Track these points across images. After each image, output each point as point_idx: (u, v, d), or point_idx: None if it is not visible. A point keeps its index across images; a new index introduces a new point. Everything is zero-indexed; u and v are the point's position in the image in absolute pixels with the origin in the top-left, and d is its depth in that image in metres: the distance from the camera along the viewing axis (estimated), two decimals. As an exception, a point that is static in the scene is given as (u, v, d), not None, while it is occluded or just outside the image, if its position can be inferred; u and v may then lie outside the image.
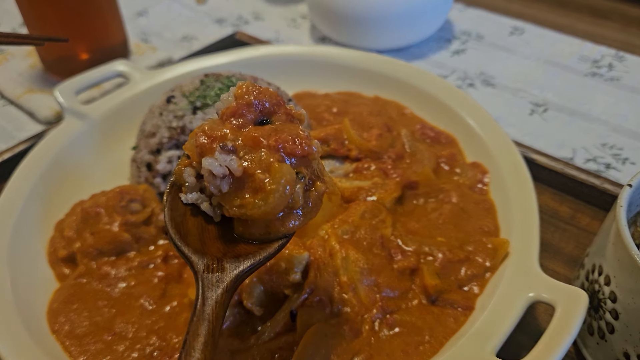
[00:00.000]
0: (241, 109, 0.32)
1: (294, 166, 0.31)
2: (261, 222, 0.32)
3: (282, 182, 0.30)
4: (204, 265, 0.31)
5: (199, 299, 0.30)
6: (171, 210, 0.34)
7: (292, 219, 0.32)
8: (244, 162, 0.31)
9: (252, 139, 0.31)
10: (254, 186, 0.31)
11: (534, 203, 0.45)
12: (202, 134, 0.31)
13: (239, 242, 0.33)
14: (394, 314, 0.41)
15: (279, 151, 0.31)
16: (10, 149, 0.61)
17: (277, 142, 0.31)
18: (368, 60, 0.65)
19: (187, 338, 0.28)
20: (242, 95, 0.33)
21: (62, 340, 0.41)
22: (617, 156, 0.61)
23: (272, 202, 0.30)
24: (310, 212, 0.33)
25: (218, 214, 0.33)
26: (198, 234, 0.33)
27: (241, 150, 0.31)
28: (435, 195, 0.50)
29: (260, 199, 0.30)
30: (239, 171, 0.30)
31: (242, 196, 0.31)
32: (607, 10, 0.90)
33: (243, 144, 0.31)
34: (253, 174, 0.31)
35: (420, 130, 0.57)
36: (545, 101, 0.70)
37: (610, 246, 0.36)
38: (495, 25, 0.86)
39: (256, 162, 0.31)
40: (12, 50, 0.80)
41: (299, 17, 0.91)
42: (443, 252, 0.43)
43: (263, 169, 0.30)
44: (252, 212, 0.30)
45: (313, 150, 0.32)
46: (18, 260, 0.46)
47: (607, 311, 0.37)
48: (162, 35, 0.88)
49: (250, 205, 0.30)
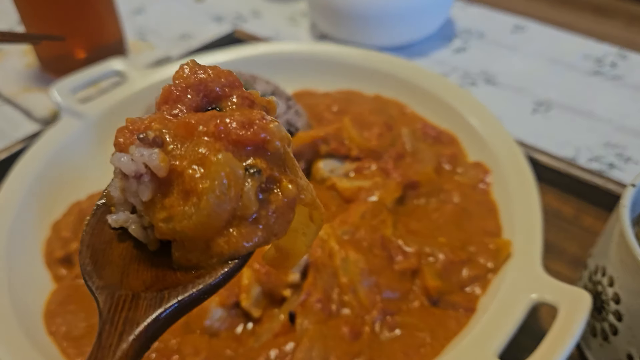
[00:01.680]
0: (177, 94, 0.24)
1: (244, 159, 0.23)
2: (200, 242, 0.23)
3: (219, 177, 0.22)
4: (112, 303, 0.23)
5: (93, 349, 0.21)
6: (92, 235, 0.26)
7: (244, 233, 0.23)
8: (172, 159, 0.22)
9: (183, 125, 0.23)
10: (185, 188, 0.22)
11: (537, 203, 0.44)
12: (121, 130, 0.24)
13: (174, 272, 0.24)
14: (394, 316, 0.40)
15: (220, 139, 0.23)
16: (7, 149, 0.60)
17: (218, 126, 0.23)
18: (369, 58, 0.65)
19: None
20: (180, 76, 0.25)
21: (59, 341, 0.41)
22: (620, 155, 0.60)
23: (205, 206, 0.22)
24: (275, 225, 0.23)
25: (152, 240, 0.25)
26: (122, 265, 0.25)
27: (170, 143, 0.23)
28: (436, 195, 0.50)
29: (191, 204, 0.22)
30: (163, 169, 0.22)
31: (170, 205, 0.22)
32: (610, 8, 0.89)
33: (173, 134, 0.23)
34: (182, 172, 0.22)
35: (421, 129, 0.57)
36: (548, 100, 0.69)
37: (614, 247, 0.36)
38: (497, 23, 0.85)
39: (188, 157, 0.22)
40: (9, 49, 0.80)
41: (299, 14, 0.91)
42: (444, 252, 0.43)
43: (197, 163, 0.22)
44: (182, 224, 0.22)
45: (272, 136, 0.23)
46: (14, 261, 0.45)
47: (610, 313, 0.37)
48: (160, 33, 0.87)
49: (180, 216, 0.22)
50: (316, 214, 0.25)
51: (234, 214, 0.22)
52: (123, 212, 0.25)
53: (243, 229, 0.23)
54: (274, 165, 0.24)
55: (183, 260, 0.24)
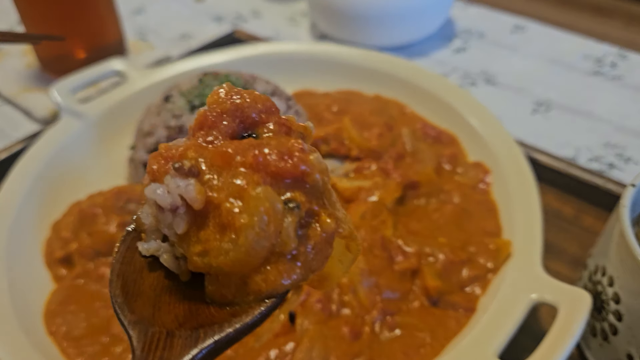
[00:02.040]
0: (212, 119, 0.23)
1: (283, 192, 0.22)
2: (235, 277, 0.22)
3: (258, 213, 0.21)
4: (145, 341, 0.22)
5: None
6: (123, 263, 0.25)
7: (282, 270, 0.22)
8: (208, 190, 0.22)
9: (220, 155, 0.22)
10: (222, 222, 0.21)
11: (537, 203, 0.44)
12: (155, 157, 0.23)
13: (207, 307, 0.23)
14: (394, 316, 0.40)
15: (258, 171, 0.22)
16: (7, 149, 0.60)
17: (256, 157, 0.22)
18: (369, 58, 0.65)
19: None
20: (215, 101, 0.24)
21: (59, 341, 0.41)
22: (620, 155, 0.60)
23: (244, 243, 0.21)
24: (313, 261, 0.23)
25: (185, 271, 0.24)
26: (153, 296, 0.24)
27: (206, 173, 0.22)
28: (436, 196, 0.50)
29: (229, 240, 0.21)
30: (199, 201, 0.21)
31: (206, 238, 0.22)
32: (610, 8, 0.89)
33: (209, 163, 0.22)
34: (220, 205, 0.21)
35: (421, 129, 0.57)
36: (548, 100, 0.69)
37: (614, 247, 0.36)
38: (497, 23, 0.85)
39: (226, 188, 0.22)
40: (9, 49, 0.80)
41: (299, 14, 0.91)
42: (444, 253, 0.43)
43: (235, 196, 0.21)
44: (218, 260, 0.21)
45: (312, 169, 0.22)
46: (14, 261, 0.45)
47: (610, 312, 0.37)
48: (160, 34, 0.87)
49: (216, 251, 0.21)
50: (353, 245, 0.25)
51: (272, 250, 0.22)
52: (155, 240, 0.24)
53: (281, 266, 0.22)
54: (313, 198, 0.23)
55: (217, 295, 0.23)
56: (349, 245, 0.25)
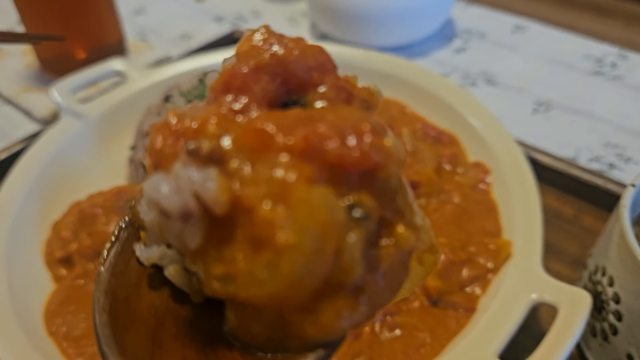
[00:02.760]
0: (243, 78, 0.16)
1: (344, 193, 0.15)
2: (270, 312, 0.15)
3: (312, 227, 0.14)
4: None
5: None
6: (114, 274, 0.17)
7: (341, 308, 0.15)
8: (237, 186, 0.15)
9: (255, 134, 0.15)
10: (255, 236, 0.14)
11: (537, 203, 0.44)
12: (160, 130, 0.16)
13: (229, 349, 0.16)
14: (394, 316, 0.40)
15: (311, 160, 0.15)
16: (7, 149, 0.60)
17: (309, 140, 0.15)
18: (369, 58, 0.65)
19: None
20: (248, 51, 0.16)
21: (59, 342, 0.41)
22: (620, 155, 0.60)
23: (288, 272, 0.14)
24: (383, 292, 0.16)
25: (198, 290, 0.17)
26: (154, 326, 0.17)
27: (233, 160, 0.15)
28: (436, 196, 0.50)
29: (265, 264, 0.14)
30: (222, 204, 0.14)
31: (231, 257, 0.15)
32: (610, 8, 0.89)
33: (238, 144, 0.15)
34: (253, 210, 0.14)
35: (421, 129, 0.57)
36: (548, 100, 0.69)
37: (614, 247, 0.36)
38: (498, 23, 0.85)
39: (262, 185, 0.14)
40: (9, 49, 0.80)
41: (299, 14, 0.91)
42: (445, 253, 0.43)
43: (276, 198, 0.14)
44: (248, 292, 0.14)
45: (388, 160, 0.15)
46: (14, 262, 0.45)
47: (610, 312, 0.37)
48: (160, 34, 0.87)
49: (245, 279, 0.14)
50: (429, 258, 0.18)
51: (328, 280, 0.14)
52: (157, 245, 0.17)
53: (340, 302, 0.15)
54: (385, 201, 0.15)
55: (242, 333, 0.16)
56: (422, 258, 0.17)
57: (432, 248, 0.18)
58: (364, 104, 0.18)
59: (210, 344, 0.16)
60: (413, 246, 0.16)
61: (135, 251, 0.18)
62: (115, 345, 0.16)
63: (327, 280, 0.15)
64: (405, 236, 0.16)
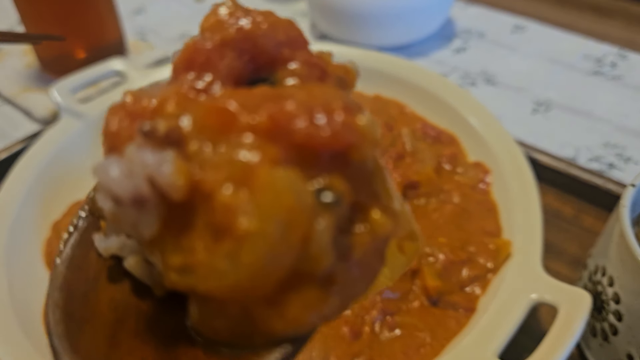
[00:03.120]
0: (207, 54, 0.15)
1: (313, 176, 0.14)
2: (234, 306, 0.14)
3: (276, 212, 0.13)
4: None
5: None
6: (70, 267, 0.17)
7: (310, 301, 0.14)
8: (196, 169, 0.13)
9: (217, 113, 0.14)
10: (214, 222, 0.13)
11: (537, 203, 0.44)
12: (116, 111, 0.15)
13: (192, 345, 0.15)
14: (394, 316, 0.40)
15: (277, 141, 0.13)
16: (7, 149, 0.60)
17: (275, 118, 0.14)
18: (368, 58, 0.65)
19: None
20: (213, 25, 0.15)
21: (58, 342, 0.41)
22: (620, 155, 0.60)
23: (250, 262, 0.13)
24: (356, 284, 0.15)
25: (160, 283, 0.16)
26: (112, 322, 0.16)
27: (193, 141, 0.14)
28: (436, 195, 0.50)
29: (226, 254, 0.13)
30: (179, 188, 0.13)
31: (190, 247, 0.14)
32: (609, 8, 0.89)
33: (198, 125, 0.14)
34: (212, 195, 0.13)
35: (421, 129, 0.57)
36: (548, 100, 0.69)
37: (614, 247, 0.36)
38: (497, 23, 0.85)
39: (223, 168, 0.13)
40: (9, 49, 0.80)
41: (299, 14, 0.91)
42: (444, 253, 0.43)
43: (238, 182, 0.13)
44: (207, 284, 0.13)
45: (362, 140, 0.14)
46: (15, 262, 0.45)
47: (610, 312, 0.37)
48: (160, 33, 0.87)
49: (205, 270, 0.13)
50: (410, 246, 0.17)
51: (296, 270, 0.13)
52: (117, 235, 0.16)
53: (308, 294, 0.14)
54: (358, 184, 0.14)
55: (206, 329, 0.15)
56: (403, 245, 0.17)
57: (412, 235, 0.17)
58: (340, 82, 0.16)
59: (172, 341, 0.15)
60: (390, 233, 0.15)
61: (94, 242, 0.17)
62: (69, 343, 0.15)
63: (294, 271, 0.13)
64: (380, 222, 0.15)
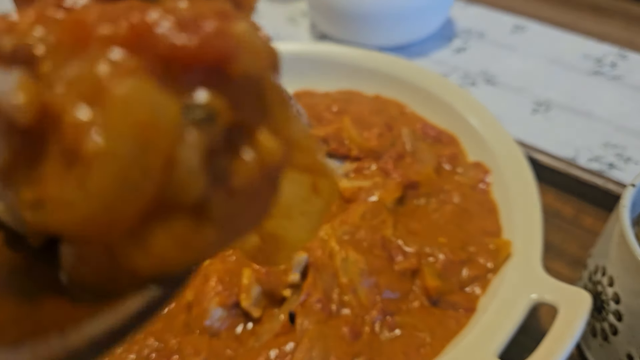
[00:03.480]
0: None
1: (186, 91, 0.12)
2: (100, 247, 0.12)
3: (127, 130, 0.11)
4: None
5: None
6: None
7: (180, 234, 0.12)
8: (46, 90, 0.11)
9: (72, 26, 0.12)
10: (65, 148, 0.11)
11: (537, 203, 0.44)
12: None
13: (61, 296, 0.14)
14: (394, 316, 0.40)
15: (140, 52, 0.11)
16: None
17: (136, 30, 0.11)
18: (369, 58, 0.65)
19: None
20: None
21: (58, 342, 0.41)
22: (620, 155, 0.60)
23: (99, 186, 0.11)
24: (242, 215, 0.13)
25: None
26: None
27: (46, 60, 0.12)
28: (436, 195, 0.50)
29: (75, 181, 0.11)
30: (26, 110, 0.11)
31: (41, 178, 0.12)
32: (609, 8, 0.89)
33: (55, 43, 0.12)
34: (61, 115, 0.11)
35: (421, 129, 0.57)
36: (548, 100, 0.69)
37: (614, 247, 0.36)
38: (497, 23, 0.85)
39: (75, 85, 0.11)
40: None
41: (299, 14, 0.91)
42: (444, 253, 0.43)
43: (88, 99, 0.11)
44: (58, 216, 0.12)
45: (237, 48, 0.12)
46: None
47: (610, 313, 0.37)
48: None
49: (53, 201, 0.12)
50: (324, 183, 0.15)
51: (161, 198, 0.12)
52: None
53: (176, 225, 0.12)
54: (243, 104, 0.13)
55: (75, 275, 0.13)
56: (316, 183, 0.15)
57: (319, 167, 0.15)
58: (234, 3, 0.14)
59: (40, 294, 0.14)
60: (282, 157, 0.13)
61: None
62: None
63: (160, 200, 0.12)
64: (267, 145, 0.13)
